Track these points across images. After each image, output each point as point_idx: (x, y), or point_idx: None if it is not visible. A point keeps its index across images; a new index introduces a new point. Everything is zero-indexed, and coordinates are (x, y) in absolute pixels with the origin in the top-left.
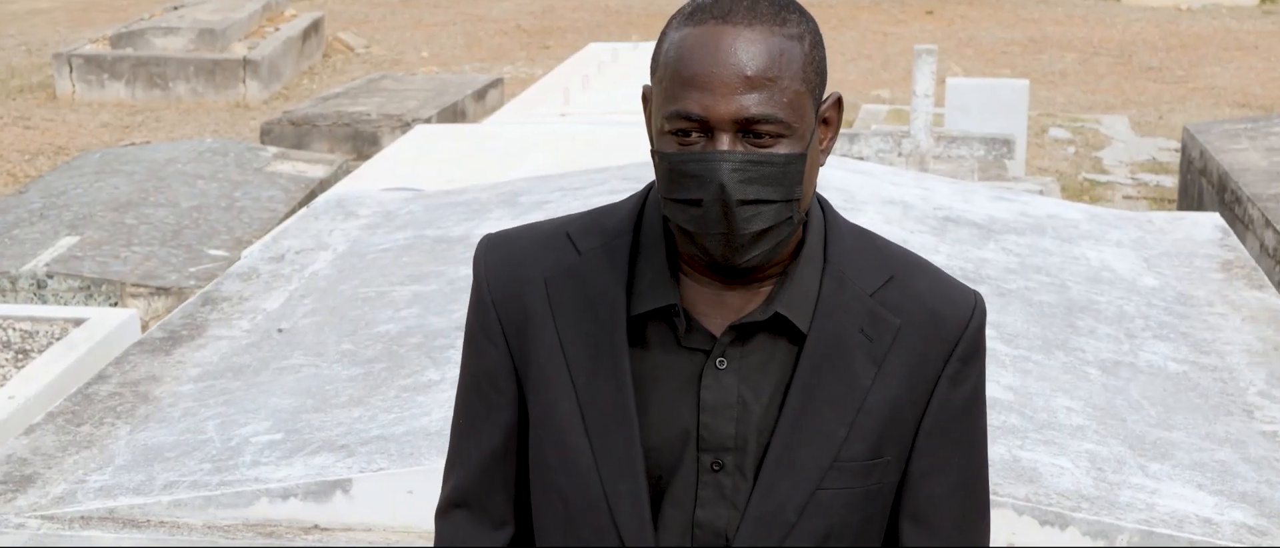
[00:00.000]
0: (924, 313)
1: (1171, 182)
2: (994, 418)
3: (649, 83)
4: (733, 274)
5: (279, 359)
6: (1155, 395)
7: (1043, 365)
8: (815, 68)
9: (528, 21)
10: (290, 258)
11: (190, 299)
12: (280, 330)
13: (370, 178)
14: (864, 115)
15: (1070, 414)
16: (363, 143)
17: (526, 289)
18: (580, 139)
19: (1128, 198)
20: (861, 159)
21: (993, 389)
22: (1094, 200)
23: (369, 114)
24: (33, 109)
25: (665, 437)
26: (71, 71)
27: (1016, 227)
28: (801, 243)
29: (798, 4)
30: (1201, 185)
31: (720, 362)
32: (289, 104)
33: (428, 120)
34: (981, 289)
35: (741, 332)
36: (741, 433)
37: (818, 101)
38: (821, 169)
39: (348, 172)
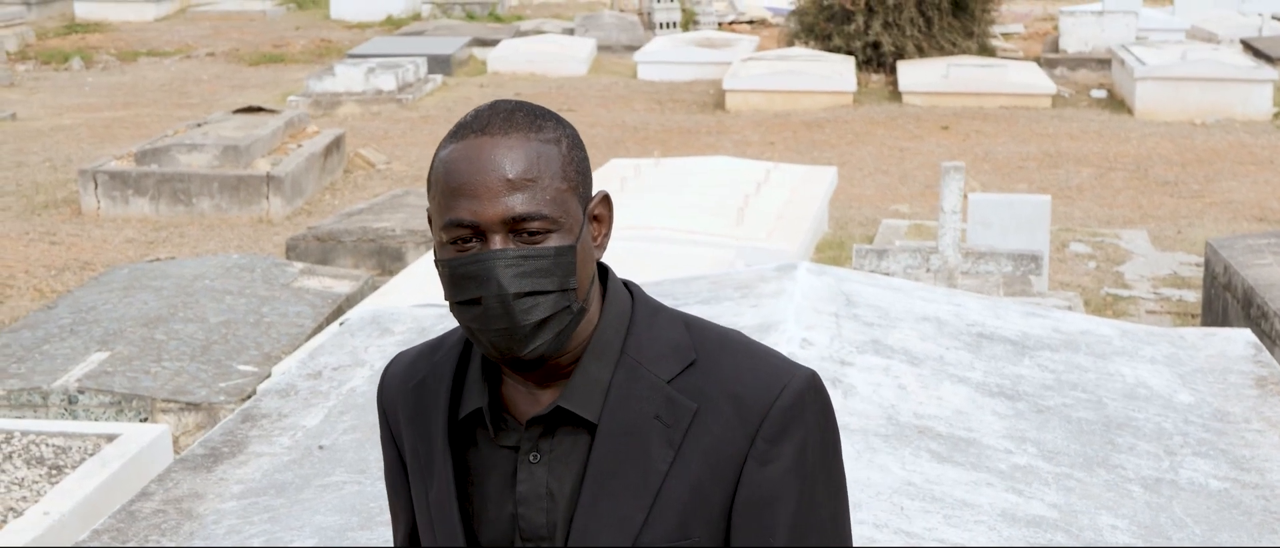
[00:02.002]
0: (724, 396)
1: (1194, 296)
2: (1039, 536)
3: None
4: (522, 367)
5: (321, 477)
6: (1199, 513)
7: (1085, 483)
8: (576, 167)
9: None
10: (328, 374)
11: (230, 416)
12: (321, 447)
13: (399, 294)
14: (884, 230)
15: (1116, 533)
16: (387, 258)
17: (398, 400)
18: (605, 255)
19: (1151, 312)
20: (888, 275)
21: (1036, 507)
22: (1118, 315)
23: (393, 230)
24: (58, 225)
25: (497, 529)
26: (97, 187)
27: (1050, 343)
28: (595, 336)
29: (554, 114)
30: (1226, 300)
31: (533, 456)
32: (311, 219)
33: None
34: (1020, 405)
35: (547, 426)
36: (550, 522)
37: (584, 199)
38: (854, 284)
39: (374, 287)
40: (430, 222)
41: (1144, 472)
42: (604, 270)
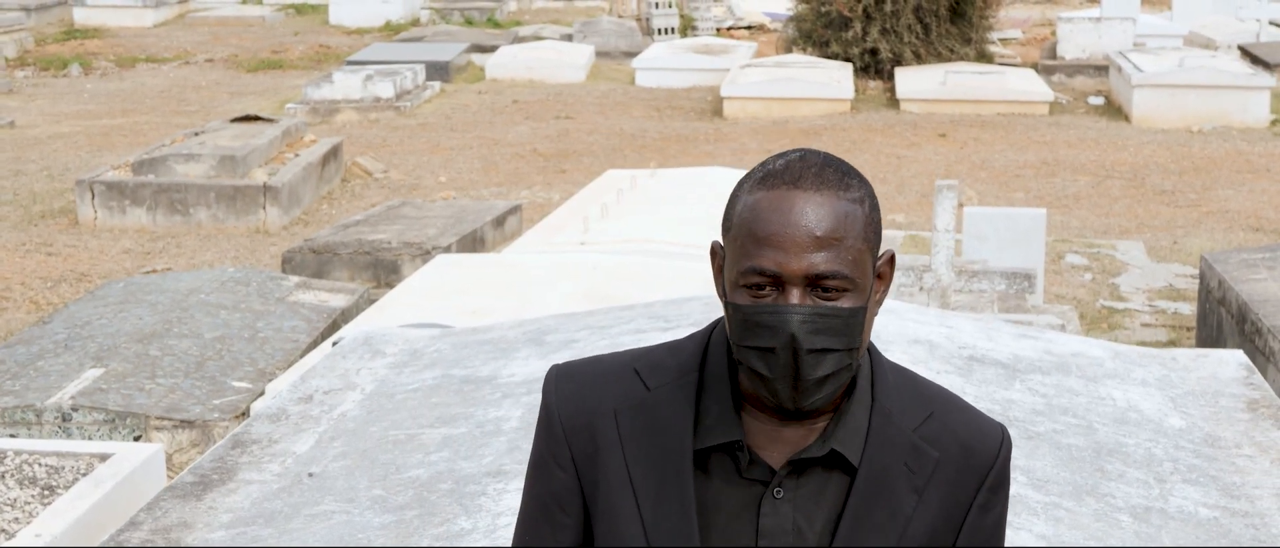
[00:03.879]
0: (958, 447)
1: (1189, 309)
2: None
3: (718, 239)
4: (795, 416)
5: (310, 505)
6: (1188, 543)
7: (1074, 513)
8: (874, 228)
9: (544, 146)
10: (319, 399)
11: (220, 442)
12: (310, 475)
13: (393, 309)
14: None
15: None
16: (383, 271)
17: (596, 420)
18: (601, 269)
19: (1146, 326)
20: None
21: (1024, 537)
22: (1113, 328)
23: (389, 242)
24: (55, 235)
25: None
26: (94, 198)
27: (1042, 366)
28: (852, 383)
29: (857, 171)
30: (1221, 315)
31: (778, 492)
32: (309, 229)
33: (447, 248)
34: (1011, 431)
35: (797, 465)
36: None
37: (875, 258)
38: None
39: (370, 300)
40: (713, 256)
41: (1133, 500)
42: None
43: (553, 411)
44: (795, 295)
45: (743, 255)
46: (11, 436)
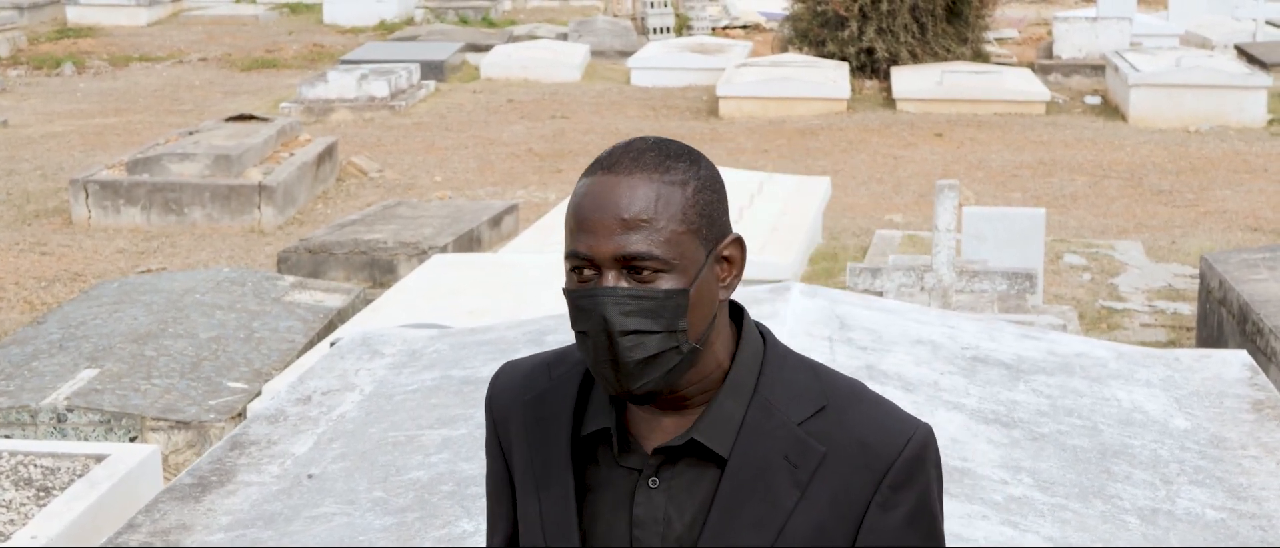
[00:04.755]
0: (853, 443)
1: (1188, 309)
2: None
3: None
4: (633, 400)
5: (310, 507)
6: (1196, 545)
7: (1081, 515)
8: (698, 211)
9: (539, 145)
10: (317, 399)
11: (218, 444)
12: (310, 476)
13: (390, 309)
14: (878, 242)
15: None
16: (379, 271)
17: (511, 412)
18: None
19: (1145, 326)
20: (880, 294)
21: (1031, 540)
22: (1112, 328)
23: (385, 242)
24: (49, 234)
25: (606, 545)
26: (87, 197)
27: (1045, 367)
28: (729, 373)
29: (691, 153)
30: (1221, 315)
31: (652, 481)
32: (304, 229)
33: (444, 248)
34: (1015, 433)
35: (670, 454)
36: (665, 546)
37: (709, 241)
38: (848, 307)
39: (366, 300)
40: None
41: (1140, 502)
42: (740, 311)
43: (487, 403)
44: (609, 279)
45: (567, 241)
46: (6, 436)
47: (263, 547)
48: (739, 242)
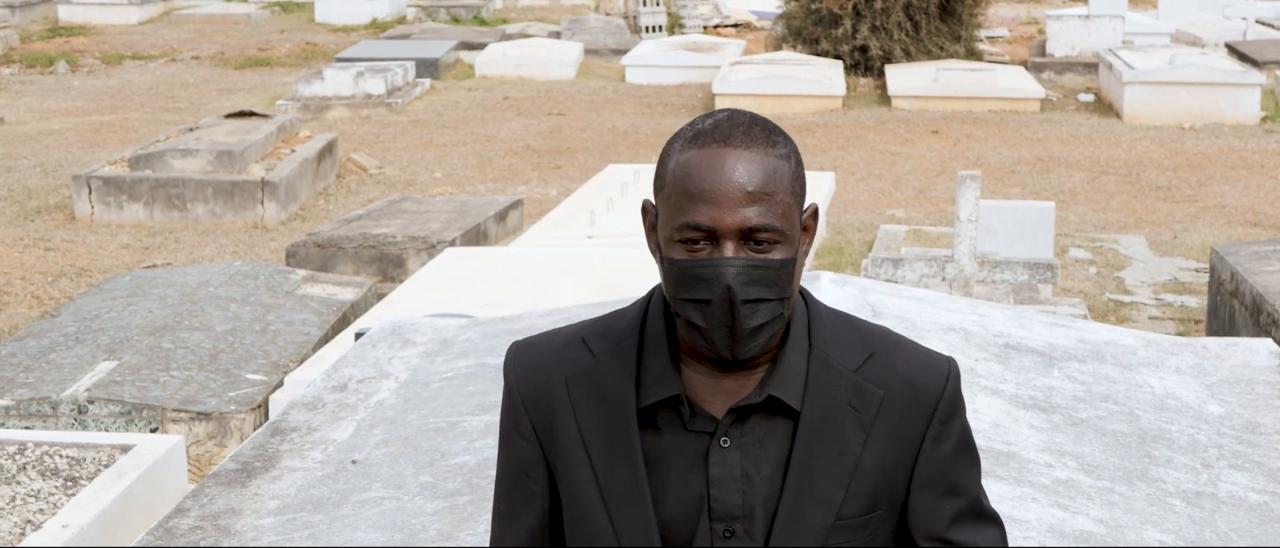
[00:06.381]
0: (903, 384)
1: (1195, 302)
2: None
3: (648, 198)
4: (733, 365)
5: (358, 492)
6: (1243, 527)
7: (1128, 497)
8: (799, 183)
9: (537, 142)
10: (353, 387)
11: (258, 430)
12: (354, 462)
13: (404, 302)
14: (883, 236)
15: None
16: (388, 265)
17: (549, 390)
18: (610, 262)
19: (1154, 319)
20: (901, 284)
21: (1083, 522)
22: (1121, 321)
23: (394, 236)
24: (52, 230)
25: (680, 510)
26: (90, 193)
27: (1077, 354)
28: (787, 331)
29: (782, 129)
30: (1233, 307)
31: (724, 441)
32: (306, 224)
33: (452, 242)
34: (1054, 418)
35: (740, 413)
36: (747, 502)
37: (801, 212)
38: (879, 295)
39: (378, 294)
40: (645, 214)
41: (1184, 485)
42: None
43: (512, 385)
44: (729, 248)
45: (677, 212)
46: (27, 427)
47: (317, 532)
48: (816, 212)
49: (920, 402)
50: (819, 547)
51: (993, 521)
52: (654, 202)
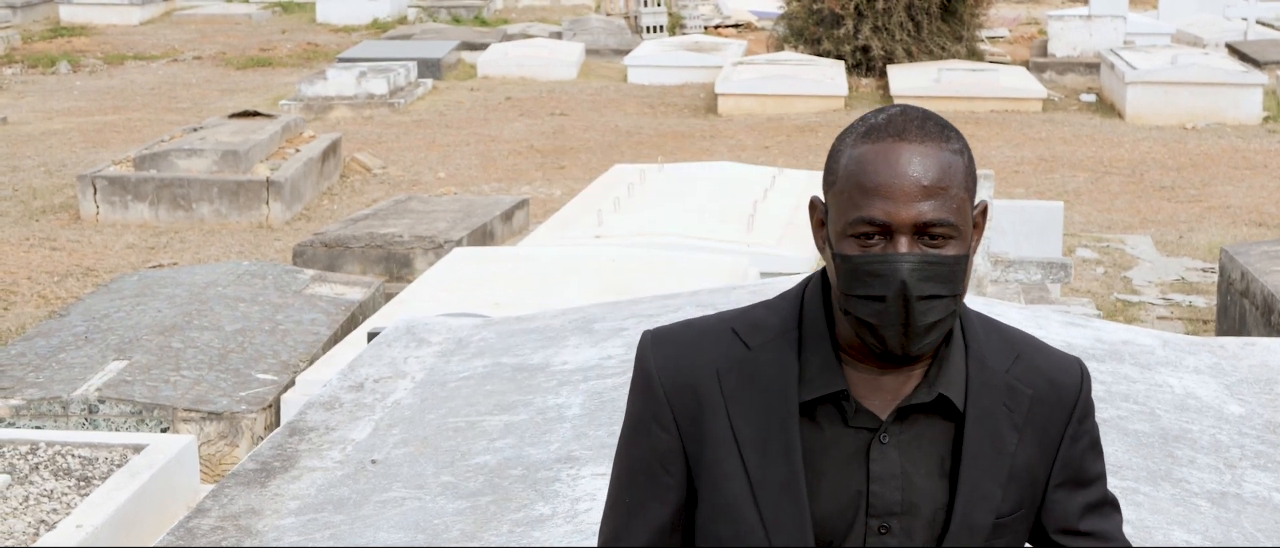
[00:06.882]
0: (1046, 384)
1: (1203, 301)
2: None
3: (817, 194)
4: (902, 362)
5: (379, 492)
6: (1269, 528)
7: (1153, 497)
8: (972, 179)
9: (540, 142)
10: (370, 386)
11: (277, 430)
12: (374, 462)
13: (413, 302)
14: None
15: None
16: (396, 265)
17: (698, 381)
18: (618, 262)
19: (1162, 318)
20: None
21: None
22: (1130, 321)
23: (401, 236)
24: (58, 230)
25: (836, 506)
26: (96, 193)
27: (1095, 353)
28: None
29: (953, 125)
30: (1243, 307)
31: (884, 437)
32: (311, 224)
33: (459, 242)
34: None
35: (902, 412)
36: (907, 500)
37: (973, 208)
38: None
39: (386, 294)
40: (813, 210)
41: (1208, 486)
42: None
43: (652, 374)
44: (904, 244)
45: (851, 207)
46: (38, 427)
47: (339, 532)
48: (986, 208)
49: (1061, 400)
50: (983, 547)
51: (1114, 505)
52: (822, 199)
